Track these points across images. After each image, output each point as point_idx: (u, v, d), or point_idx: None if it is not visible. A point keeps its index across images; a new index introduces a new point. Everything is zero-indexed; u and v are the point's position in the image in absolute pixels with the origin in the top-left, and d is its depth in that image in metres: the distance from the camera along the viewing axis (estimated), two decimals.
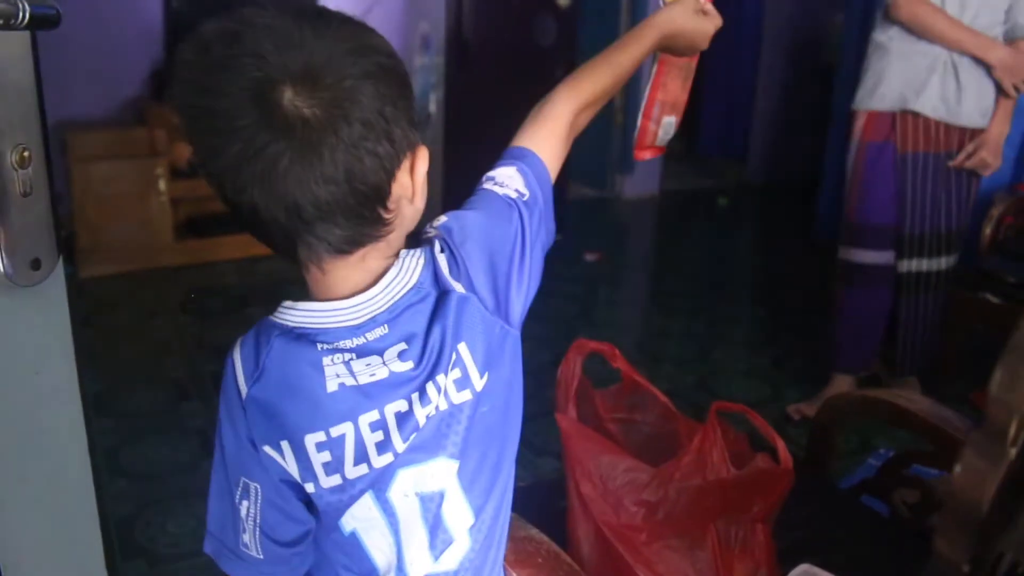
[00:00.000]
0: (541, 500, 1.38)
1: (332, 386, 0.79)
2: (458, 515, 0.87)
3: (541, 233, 0.94)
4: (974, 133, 2.55)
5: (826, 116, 5.09)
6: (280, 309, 0.84)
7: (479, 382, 0.83)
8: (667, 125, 1.33)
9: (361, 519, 0.84)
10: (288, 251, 0.79)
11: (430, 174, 0.83)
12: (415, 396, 0.80)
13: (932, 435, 1.42)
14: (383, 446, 0.80)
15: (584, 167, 5.75)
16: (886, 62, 2.53)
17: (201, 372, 3.02)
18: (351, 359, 0.79)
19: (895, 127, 2.55)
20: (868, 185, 2.63)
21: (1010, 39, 2.48)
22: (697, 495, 1.16)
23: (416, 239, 0.87)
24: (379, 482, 0.82)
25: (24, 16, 0.56)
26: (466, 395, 0.83)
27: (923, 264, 2.66)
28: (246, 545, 0.85)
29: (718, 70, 6.76)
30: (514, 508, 0.98)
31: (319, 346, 0.80)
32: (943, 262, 2.68)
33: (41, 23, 0.58)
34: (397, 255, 0.83)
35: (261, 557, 0.85)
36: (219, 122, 0.71)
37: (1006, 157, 3.54)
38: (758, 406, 2.91)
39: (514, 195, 0.92)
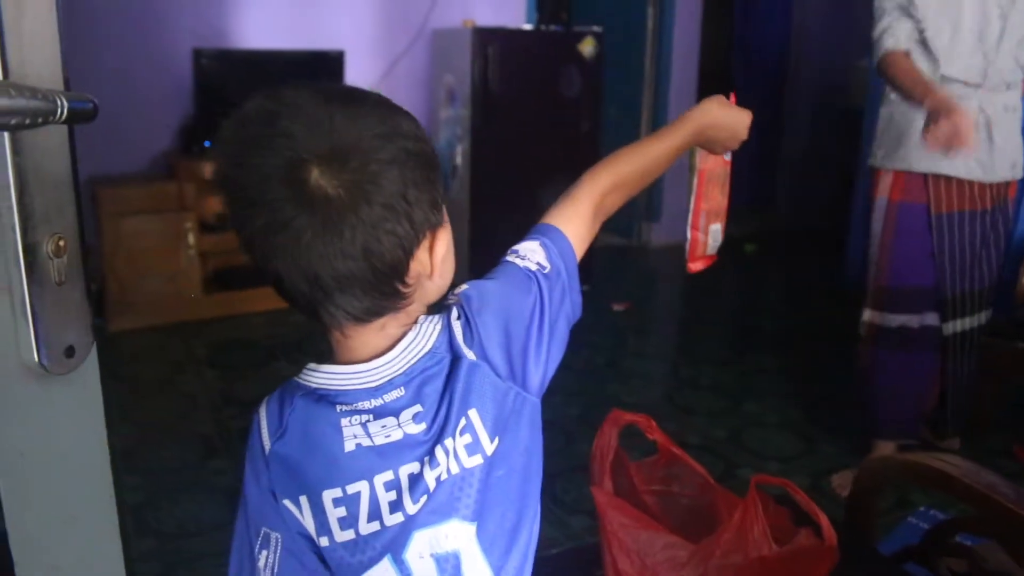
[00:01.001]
0: (578, 568, 1.34)
1: (350, 446, 0.83)
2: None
3: (565, 305, 0.97)
4: (1004, 185, 2.52)
5: (853, 162, 5.07)
6: (304, 371, 0.87)
7: (489, 446, 0.86)
8: (715, 233, 1.38)
9: None
10: (311, 316, 0.83)
11: (457, 229, 0.89)
12: (426, 459, 0.84)
13: (978, 502, 1.37)
14: (395, 505, 0.83)
15: (611, 216, 5.75)
16: (908, 121, 2.47)
17: (228, 427, 3.01)
18: (368, 420, 0.83)
19: (927, 188, 2.50)
20: (901, 247, 2.56)
21: None
22: (737, 573, 1.12)
23: (439, 305, 0.91)
24: (395, 544, 0.84)
25: (63, 112, 0.55)
26: (477, 459, 0.85)
27: (967, 323, 2.61)
28: None
29: None
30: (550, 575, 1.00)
31: (338, 407, 0.84)
32: (983, 317, 2.64)
33: (79, 117, 0.58)
34: (416, 321, 0.87)
35: None
36: (251, 194, 0.76)
37: None
38: (792, 460, 2.89)
39: (535, 267, 0.95)
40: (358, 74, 4.47)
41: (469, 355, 0.86)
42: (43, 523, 0.72)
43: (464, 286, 0.91)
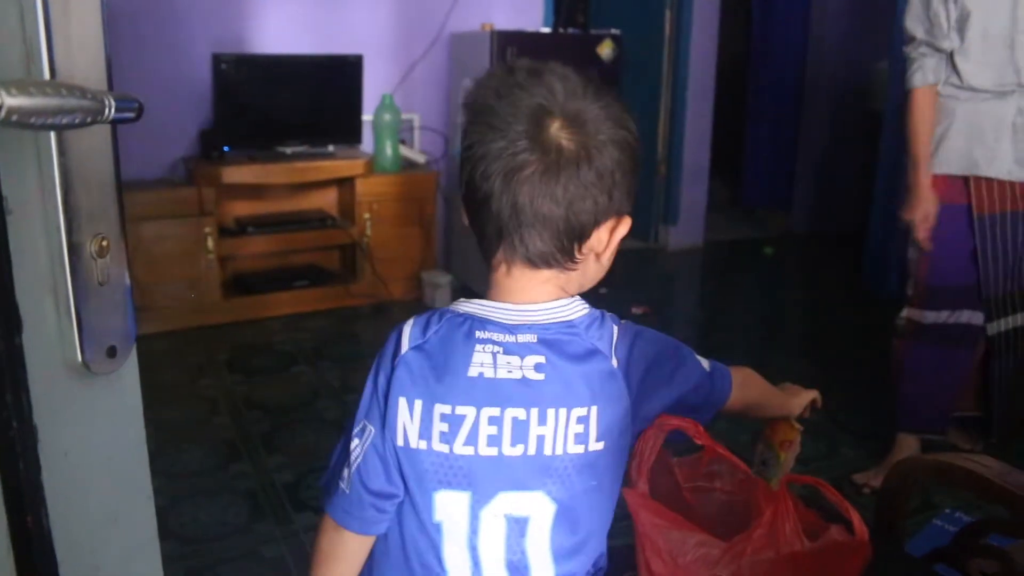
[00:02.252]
0: (610, 568, 1.34)
1: (474, 372, 0.92)
2: (540, 566, 0.97)
3: (697, 400, 1.12)
4: None
5: (872, 164, 5.05)
6: (457, 301, 0.99)
7: (595, 444, 0.94)
8: (792, 457, 1.50)
9: (449, 516, 0.95)
10: (491, 246, 0.94)
11: None
12: (534, 411, 0.92)
13: (1009, 502, 1.36)
14: (493, 440, 0.92)
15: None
16: (947, 124, 2.46)
17: (250, 431, 3.02)
18: (498, 352, 0.92)
19: (968, 189, 2.49)
20: (942, 247, 2.55)
21: None
22: (770, 569, 1.11)
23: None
24: (479, 485, 0.94)
25: (110, 111, 0.56)
26: (580, 449, 0.94)
27: (1010, 322, 2.60)
28: (343, 479, 0.98)
29: (761, 119, 6.75)
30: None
31: (477, 333, 0.94)
32: (1021, 318, 2.62)
33: (125, 117, 0.58)
34: (571, 295, 0.98)
35: (348, 492, 0.98)
36: (498, 121, 0.89)
37: None
38: (814, 463, 2.87)
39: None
40: (377, 78, 4.48)
41: (612, 360, 0.95)
42: (86, 523, 0.73)
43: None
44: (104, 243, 0.66)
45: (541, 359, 0.92)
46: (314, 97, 4.34)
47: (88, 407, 0.70)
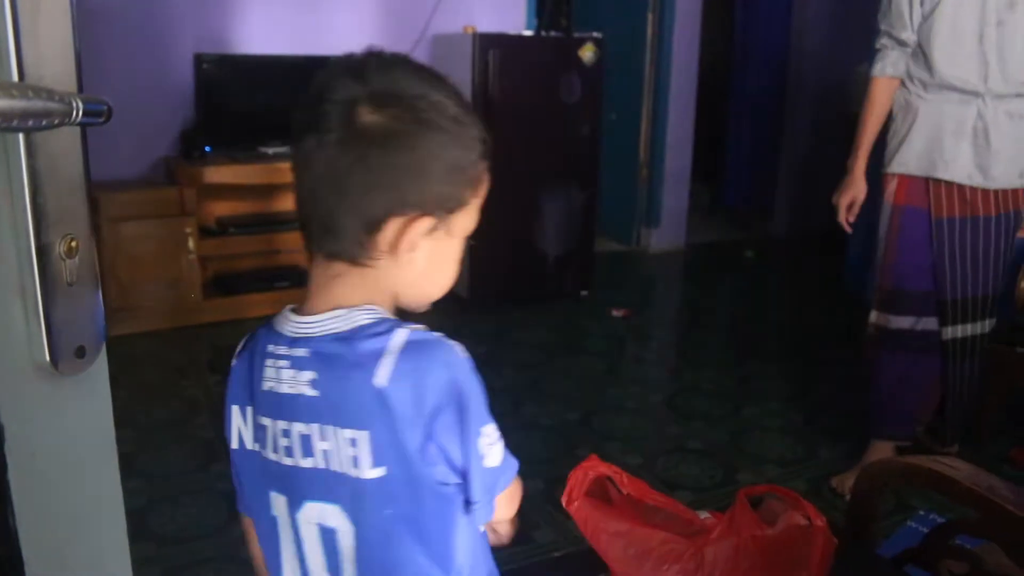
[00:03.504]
0: (581, 570, 1.35)
1: (266, 386, 0.90)
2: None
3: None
4: (1015, 193, 2.51)
5: None
6: (284, 309, 0.95)
7: (371, 471, 0.86)
8: None
9: (280, 515, 0.94)
10: (303, 231, 0.91)
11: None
12: (316, 427, 0.87)
13: (977, 504, 1.38)
14: (289, 451, 0.90)
15: (610, 221, 5.77)
16: (910, 123, 2.50)
17: None
18: (284, 366, 0.89)
19: (928, 192, 2.52)
20: (904, 250, 2.58)
21: None
22: (734, 554, 1.12)
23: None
24: (292, 490, 0.92)
25: (78, 114, 0.56)
26: (356, 473, 0.86)
27: (967, 329, 2.61)
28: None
29: (743, 122, 6.79)
30: None
31: (269, 347, 0.91)
32: (986, 325, 2.64)
33: (93, 119, 0.59)
34: (371, 303, 0.89)
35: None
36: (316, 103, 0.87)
37: None
38: (792, 464, 2.90)
39: (482, 447, 0.89)
40: None
41: (378, 377, 0.83)
42: (53, 523, 0.73)
43: (456, 350, 0.87)
44: (73, 244, 0.66)
45: (314, 375, 0.87)
46: (296, 98, 4.31)
47: (57, 408, 0.70)
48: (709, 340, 4.31)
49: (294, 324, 0.90)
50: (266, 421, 0.91)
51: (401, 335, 0.85)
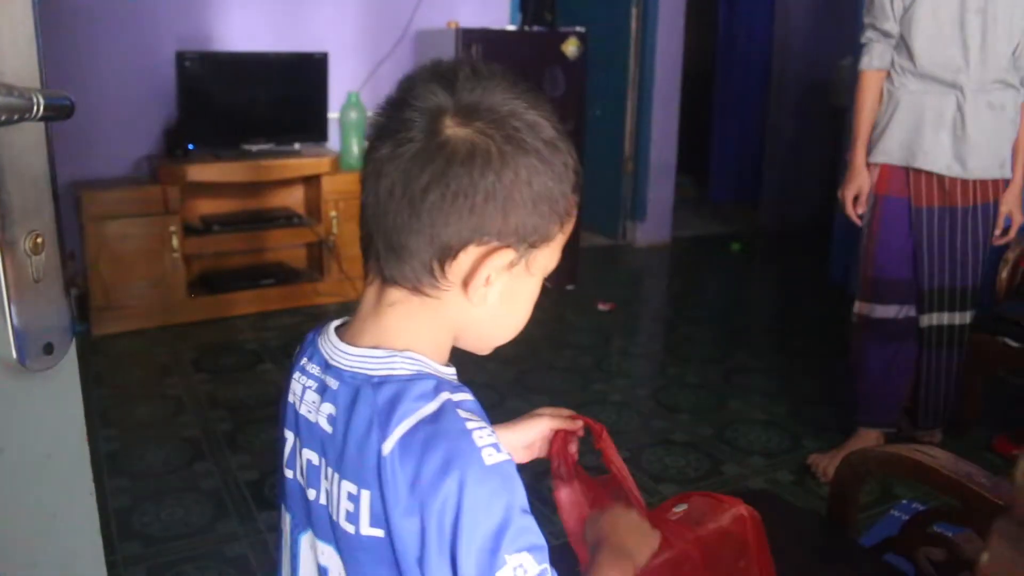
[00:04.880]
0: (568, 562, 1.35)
1: (292, 398, 0.86)
2: None
3: None
4: (995, 184, 2.54)
5: (837, 159, 5.10)
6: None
7: (368, 529, 0.77)
8: None
9: (284, 530, 0.90)
10: (363, 250, 0.83)
11: None
12: (324, 462, 0.81)
13: (956, 492, 1.39)
14: (300, 473, 0.85)
15: (596, 215, 5.77)
16: (891, 113, 2.53)
17: (215, 431, 3.01)
18: (310, 387, 0.83)
19: (908, 182, 2.55)
20: (885, 239, 2.62)
21: None
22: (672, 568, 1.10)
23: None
24: (295, 518, 0.87)
25: (38, 110, 0.56)
26: (351, 528, 0.78)
27: (943, 318, 2.65)
28: None
29: (728, 116, 6.80)
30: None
31: (303, 361, 0.86)
32: (966, 316, 2.67)
33: (55, 115, 0.59)
34: (425, 343, 0.80)
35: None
36: (397, 114, 0.78)
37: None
38: (776, 456, 2.91)
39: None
40: (342, 76, 4.47)
41: (387, 445, 0.74)
42: (23, 520, 0.73)
43: (485, 432, 0.75)
44: (39, 240, 0.66)
45: (333, 410, 0.79)
46: (280, 95, 4.32)
47: (25, 405, 0.70)
48: (695, 333, 4.32)
49: (333, 347, 0.82)
50: (288, 434, 0.86)
51: (431, 407, 0.75)
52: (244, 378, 3.52)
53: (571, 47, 4.48)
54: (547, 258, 0.82)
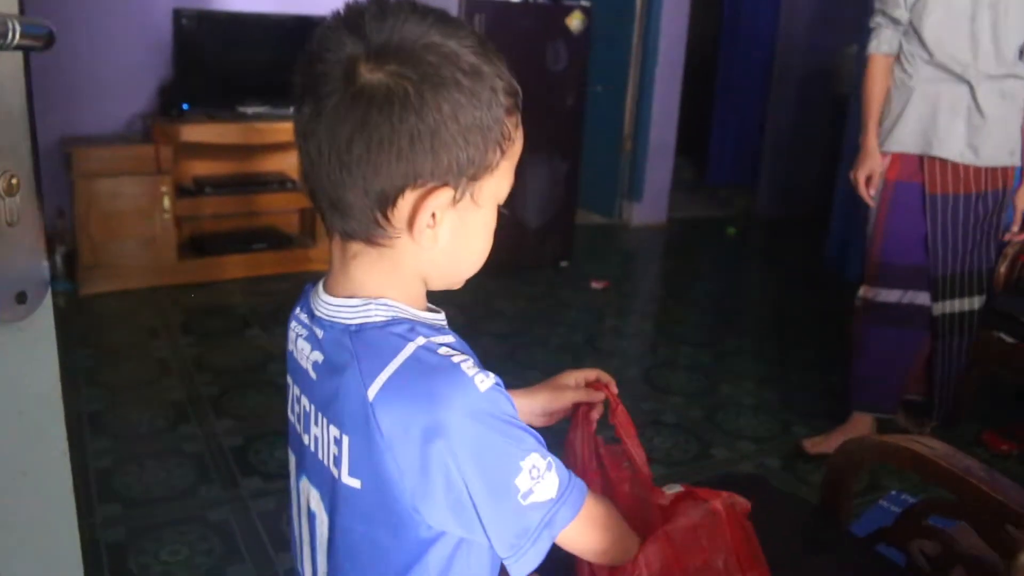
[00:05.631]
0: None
1: (290, 345, 0.87)
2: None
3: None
4: (1004, 171, 2.54)
5: (837, 147, 5.06)
6: None
7: (348, 478, 0.79)
8: None
9: (292, 472, 0.92)
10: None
11: None
12: (313, 408, 0.83)
13: (954, 485, 1.36)
14: (298, 418, 0.87)
15: (592, 194, 5.73)
16: (905, 102, 2.51)
17: (200, 394, 2.97)
18: (301, 335, 0.85)
19: (923, 168, 2.54)
20: (894, 224, 2.60)
21: None
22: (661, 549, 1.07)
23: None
24: (297, 461, 0.89)
25: (14, 36, 0.52)
26: (336, 473, 0.80)
27: (955, 305, 2.64)
28: None
29: (729, 99, 6.75)
30: None
31: (297, 310, 0.87)
32: (975, 302, 2.66)
33: (33, 43, 0.54)
34: (396, 284, 0.80)
35: None
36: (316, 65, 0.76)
37: None
38: (766, 441, 2.89)
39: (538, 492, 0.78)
40: None
41: (369, 391, 0.74)
42: None
43: (476, 374, 0.76)
44: (14, 181, 0.62)
45: (320, 358, 0.81)
46: (278, 58, 4.22)
47: None
48: (688, 316, 4.29)
49: (318, 297, 0.82)
50: (290, 379, 0.88)
51: (409, 348, 0.75)
52: (232, 343, 3.48)
53: (575, 21, 4.42)
54: (495, 186, 0.80)
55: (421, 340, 0.76)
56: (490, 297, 4.19)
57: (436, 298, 0.87)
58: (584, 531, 0.85)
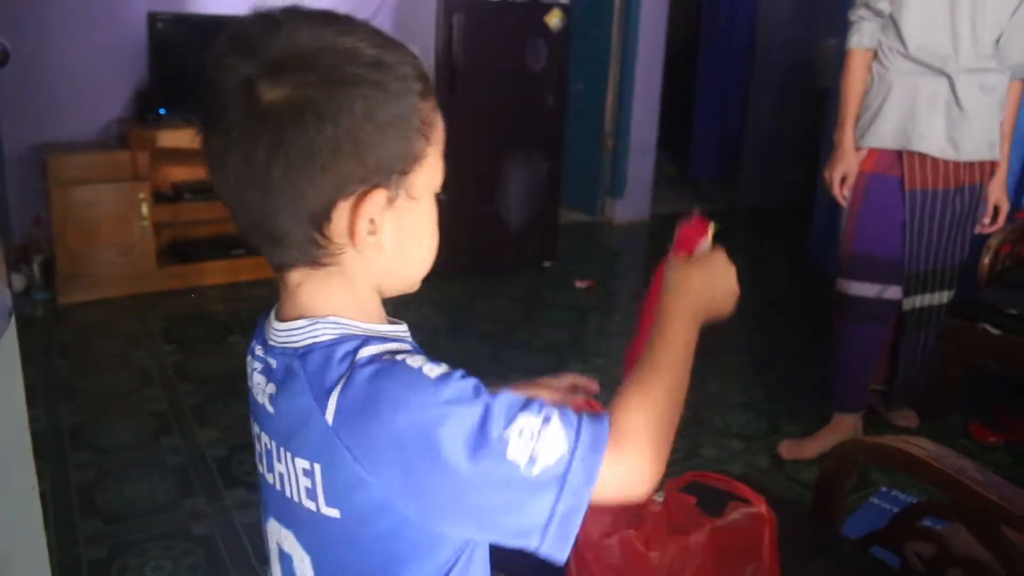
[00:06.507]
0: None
1: (249, 382, 0.81)
2: None
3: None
4: (982, 165, 2.52)
5: (818, 140, 5.06)
6: None
7: (327, 508, 0.74)
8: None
9: (261, 512, 0.87)
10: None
11: None
12: (275, 444, 0.78)
13: (948, 486, 1.35)
14: (260, 458, 0.81)
15: (574, 192, 5.70)
16: (883, 97, 2.49)
17: (182, 404, 2.93)
18: (258, 370, 0.80)
19: (902, 163, 2.51)
20: (867, 216, 2.58)
21: (1014, 79, 2.48)
22: (684, 556, 1.06)
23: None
24: (264, 502, 0.84)
25: None
26: (312, 506, 0.75)
27: (926, 300, 2.64)
28: None
29: (709, 94, 6.74)
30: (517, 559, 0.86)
31: (254, 343, 0.82)
32: (944, 296, 2.66)
33: None
34: (350, 300, 0.77)
35: None
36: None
37: None
38: (754, 439, 2.87)
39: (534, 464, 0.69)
40: None
41: (326, 414, 0.70)
42: None
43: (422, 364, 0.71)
44: None
45: (275, 390, 0.77)
46: None
47: None
48: None
49: (270, 326, 0.79)
50: (252, 422, 0.83)
51: (355, 363, 0.71)
52: (213, 350, 3.44)
53: (554, 19, 4.39)
54: (427, 176, 0.76)
55: (366, 352, 0.72)
56: (473, 299, 4.16)
57: (416, 300, 0.84)
58: (626, 460, 0.72)
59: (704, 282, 0.98)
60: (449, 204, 0.82)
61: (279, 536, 0.82)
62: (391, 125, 0.71)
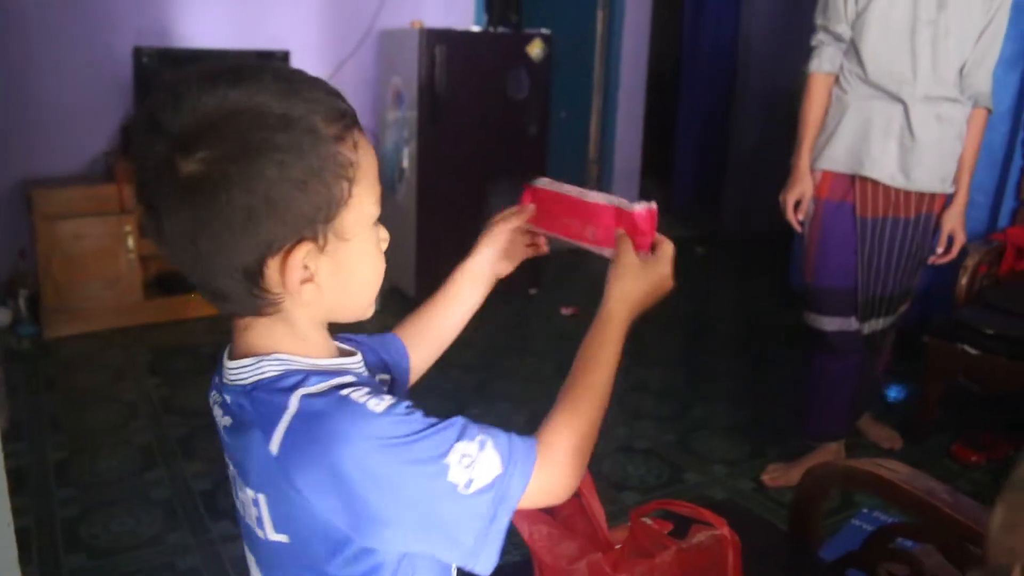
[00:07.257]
0: None
1: (214, 414, 0.86)
2: None
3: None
4: (931, 196, 2.51)
5: None
6: None
7: (275, 534, 0.80)
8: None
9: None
10: None
11: (403, 232, 0.82)
12: (236, 474, 0.84)
13: (917, 507, 1.37)
14: (233, 488, 0.86)
15: None
16: (839, 119, 2.49)
17: (168, 437, 2.93)
18: (217, 402, 0.84)
19: (854, 189, 2.51)
20: (826, 246, 2.58)
21: (977, 107, 2.46)
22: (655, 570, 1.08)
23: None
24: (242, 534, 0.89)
25: None
26: (261, 534, 0.81)
27: (876, 324, 2.65)
28: None
29: (692, 120, 6.80)
30: None
31: (216, 378, 0.85)
32: (890, 320, 2.68)
33: None
34: (297, 338, 0.81)
35: None
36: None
37: (980, 206, 3.56)
38: (738, 464, 2.89)
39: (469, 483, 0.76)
40: None
41: (271, 445, 0.75)
42: None
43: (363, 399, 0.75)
44: None
45: (229, 422, 0.81)
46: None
47: None
48: (658, 338, 4.29)
49: (223, 364, 0.83)
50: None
51: (296, 397, 0.75)
52: (199, 383, 3.44)
53: (536, 49, 4.45)
54: (357, 214, 0.77)
55: (309, 388, 0.76)
56: None
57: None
58: (551, 473, 0.81)
59: (649, 292, 1.05)
60: (432, 233, 0.85)
61: (248, 561, 0.89)
62: (306, 180, 0.72)
